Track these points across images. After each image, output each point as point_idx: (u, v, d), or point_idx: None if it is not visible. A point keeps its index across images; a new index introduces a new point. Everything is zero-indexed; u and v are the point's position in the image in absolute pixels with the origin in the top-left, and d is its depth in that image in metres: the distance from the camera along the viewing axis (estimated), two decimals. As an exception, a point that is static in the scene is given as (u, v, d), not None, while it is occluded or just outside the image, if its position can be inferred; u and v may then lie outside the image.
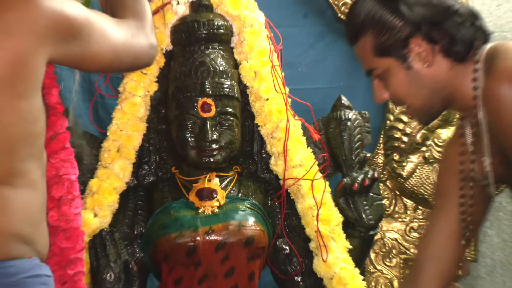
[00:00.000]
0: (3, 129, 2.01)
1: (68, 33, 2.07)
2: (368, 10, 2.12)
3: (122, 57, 2.19)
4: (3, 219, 2.02)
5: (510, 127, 2.03)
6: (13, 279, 2.02)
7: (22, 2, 2.03)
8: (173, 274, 2.88)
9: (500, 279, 3.26)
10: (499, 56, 2.08)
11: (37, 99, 2.07)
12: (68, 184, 2.27)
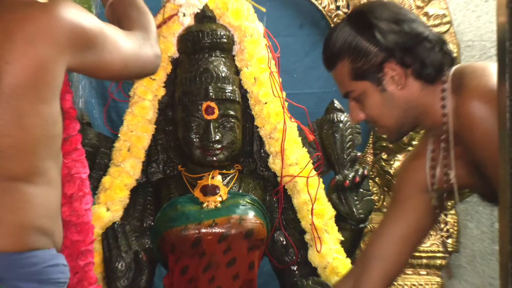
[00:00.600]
0: (26, 131, 2.01)
1: (85, 43, 2.07)
2: (345, 38, 2.12)
3: (131, 66, 2.19)
4: (26, 214, 2.02)
5: (482, 140, 2.05)
6: (36, 268, 2.03)
7: (43, 15, 2.03)
8: (180, 264, 2.89)
9: (479, 268, 3.26)
10: (467, 77, 2.10)
11: (56, 104, 2.07)
12: (79, 182, 2.28)
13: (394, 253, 2.26)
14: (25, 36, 1.99)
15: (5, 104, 1.97)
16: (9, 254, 2.00)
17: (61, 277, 2.08)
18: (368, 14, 2.13)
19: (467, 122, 2.06)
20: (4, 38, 1.98)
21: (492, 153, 2.03)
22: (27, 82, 1.98)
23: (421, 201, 2.24)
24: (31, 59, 1.99)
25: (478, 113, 2.04)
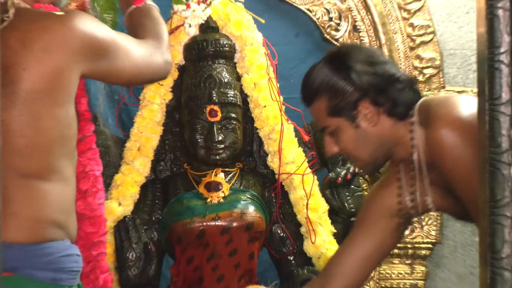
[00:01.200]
0: (43, 132, 2.02)
1: (97, 52, 2.06)
2: (323, 77, 2.13)
3: (141, 73, 2.18)
4: (41, 208, 2.02)
5: (453, 165, 2.07)
6: (50, 258, 2.03)
7: (59, 26, 2.03)
8: (186, 254, 2.90)
9: (460, 258, 3.26)
10: (433, 108, 2.12)
11: (71, 107, 2.07)
12: (93, 179, 2.28)
13: (357, 271, 2.27)
14: (42, 45, 1.99)
15: (21, 107, 1.97)
16: (25, 245, 2.00)
17: (74, 266, 2.09)
18: (344, 56, 2.14)
19: (438, 149, 2.08)
20: (22, 46, 1.98)
21: (463, 175, 2.06)
22: (42, 87, 1.98)
23: (387, 225, 2.26)
24: (47, 66, 1.99)
25: (447, 140, 2.06)
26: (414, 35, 3.22)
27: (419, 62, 3.22)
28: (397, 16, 3.21)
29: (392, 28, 3.21)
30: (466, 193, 2.09)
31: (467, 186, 2.06)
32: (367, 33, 3.23)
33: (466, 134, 2.05)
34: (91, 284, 2.31)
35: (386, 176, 2.31)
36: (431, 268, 3.21)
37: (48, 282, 2.02)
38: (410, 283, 3.18)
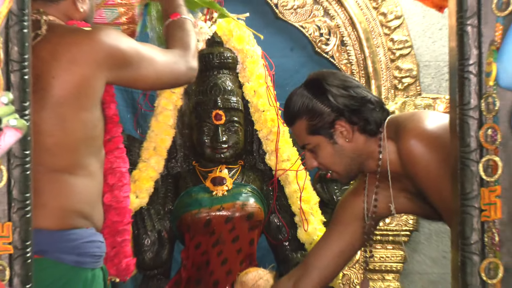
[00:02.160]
0: (69, 133, 2.01)
1: (121, 62, 2.06)
2: (303, 100, 2.16)
3: (164, 79, 2.17)
4: (68, 200, 2.02)
5: (423, 171, 2.10)
6: (75, 243, 2.03)
7: (86, 40, 2.03)
8: (194, 240, 2.90)
9: (435, 244, 3.27)
10: (402, 123, 2.15)
11: (96, 111, 2.06)
12: (119, 174, 2.27)
13: (330, 265, 2.30)
14: (70, 57, 1.99)
15: (50, 111, 1.97)
16: (53, 232, 2.00)
17: (97, 251, 2.08)
18: (322, 81, 2.16)
19: (409, 158, 2.10)
20: (52, 57, 1.98)
21: (432, 179, 2.08)
22: (69, 94, 1.98)
23: (357, 227, 2.28)
24: (74, 75, 1.99)
25: (416, 150, 2.09)
26: (394, 49, 3.22)
27: (398, 72, 3.22)
28: (379, 32, 3.21)
29: (375, 43, 3.21)
30: (435, 194, 2.11)
31: (436, 188, 2.07)
32: (353, 47, 3.24)
33: (432, 143, 2.08)
34: (115, 267, 2.31)
35: (356, 184, 2.33)
36: (409, 252, 3.22)
37: (73, 265, 2.03)
38: (390, 266, 3.18)
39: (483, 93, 1.88)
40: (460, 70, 1.90)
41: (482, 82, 1.88)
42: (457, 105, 1.91)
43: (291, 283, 2.34)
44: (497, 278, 1.87)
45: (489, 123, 1.87)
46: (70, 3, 2.10)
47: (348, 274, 3.16)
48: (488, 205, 1.87)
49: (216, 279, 2.88)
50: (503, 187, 1.87)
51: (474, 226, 1.87)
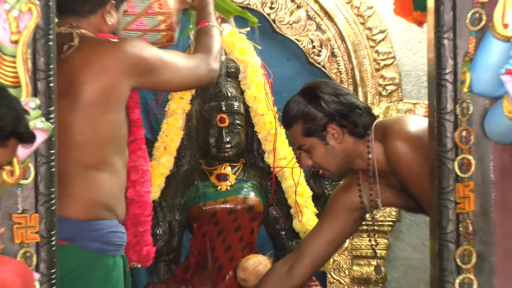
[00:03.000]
0: (98, 132, 2.02)
1: (144, 69, 2.07)
2: (299, 106, 2.19)
3: (186, 81, 2.19)
4: (95, 193, 2.03)
5: (406, 169, 2.13)
6: (100, 233, 2.03)
7: (114, 50, 2.04)
8: (201, 230, 2.89)
9: (415, 233, 3.26)
10: (388, 127, 2.19)
11: (121, 113, 2.07)
12: (141, 172, 2.27)
13: (322, 252, 2.33)
14: (100, 65, 2.00)
15: (81, 112, 1.99)
16: (81, 222, 2.01)
17: (118, 240, 2.09)
18: (316, 90, 2.19)
19: (394, 158, 2.12)
20: (84, 65, 2.00)
21: (415, 175, 2.10)
22: (98, 97, 1.99)
23: (348, 217, 2.31)
24: (102, 82, 2.00)
25: (401, 150, 2.11)
26: (378, 60, 3.23)
27: (382, 80, 3.22)
28: (365, 44, 3.22)
29: (362, 54, 3.21)
30: (417, 188, 2.12)
31: (418, 183, 2.09)
32: (342, 58, 3.24)
33: (414, 144, 2.10)
34: (137, 254, 2.31)
35: (347, 181, 2.35)
36: (392, 240, 3.22)
37: (97, 251, 2.03)
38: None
39: (458, 99, 1.88)
40: (438, 78, 1.90)
41: (457, 89, 1.88)
42: (435, 110, 1.91)
43: (286, 267, 2.35)
44: (471, 264, 1.88)
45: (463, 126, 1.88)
46: (99, 18, 2.11)
47: (337, 260, 3.16)
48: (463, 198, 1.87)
49: (221, 264, 2.87)
50: (475, 182, 1.88)
51: (450, 217, 1.88)
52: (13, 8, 1.66)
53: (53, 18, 1.80)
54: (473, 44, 1.85)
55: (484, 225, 1.88)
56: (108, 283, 2.05)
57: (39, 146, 1.73)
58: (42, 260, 1.78)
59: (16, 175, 1.67)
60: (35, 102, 1.69)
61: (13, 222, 1.75)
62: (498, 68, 1.76)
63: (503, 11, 1.73)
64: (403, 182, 2.17)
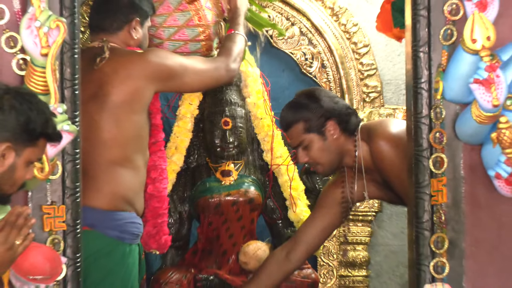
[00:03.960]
0: (123, 131, 2.03)
1: (167, 75, 2.08)
2: (300, 106, 2.20)
3: (206, 82, 2.19)
4: (117, 187, 2.03)
5: (389, 166, 2.16)
6: (119, 222, 2.04)
7: (139, 59, 2.06)
8: (207, 220, 2.88)
9: (395, 222, 3.26)
10: (373, 128, 2.21)
11: (144, 115, 2.08)
12: (160, 170, 2.28)
13: (315, 240, 2.34)
14: (126, 72, 2.02)
15: (109, 112, 2.00)
16: (103, 211, 2.01)
17: (135, 230, 2.09)
18: (313, 93, 2.22)
19: (378, 156, 2.13)
20: (113, 72, 2.01)
21: (396, 171, 2.12)
22: (124, 100, 2.00)
23: (336, 210, 2.32)
24: (129, 86, 2.01)
25: (385, 149, 2.13)
26: (363, 70, 3.22)
27: (366, 88, 3.22)
28: (351, 57, 3.22)
29: (348, 66, 3.21)
30: (398, 182, 2.12)
31: (399, 178, 2.09)
32: (331, 69, 3.24)
33: (395, 144, 2.11)
34: (156, 242, 2.33)
35: (336, 178, 2.37)
36: (375, 229, 3.21)
37: (115, 239, 2.03)
38: (360, 239, 3.18)
39: (432, 105, 1.89)
40: (414, 86, 1.91)
41: (432, 96, 1.89)
42: (412, 114, 1.92)
43: (284, 253, 2.35)
44: (443, 249, 1.88)
45: (437, 128, 1.88)
46: (126, 33, 2.13)
47: (327, 246, 3.15)
48: (436, 192, 1.88)
49: (225, 249, 2.87)
50: (448, 177, 1.88)
51: (426, 208, 1.88)
52: (43, 25, 1.67)
53: (78, 34, 1.80)
54: (445, 57, 1.86)
55: (455, 215, 1.88)
56: (123, 268, 2.05)
57: (65, 146, 1.74)
58: (68, 246, 1.78)
59: (45, 172, 1.68)
60: (62, 108, 1.70)
61: (43, 213, 1.76)
62: (467, 78, 1.77)
63: (472, 28, 1.75)
64: (386, 177, 2.18)
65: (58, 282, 1.75)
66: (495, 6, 1.77)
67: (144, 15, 2.15)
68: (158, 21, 2.21)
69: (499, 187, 1.79)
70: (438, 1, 1.85)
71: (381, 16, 2.53)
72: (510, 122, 1.73)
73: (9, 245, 1.41)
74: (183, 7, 2.19)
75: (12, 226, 1.42)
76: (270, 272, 2.36)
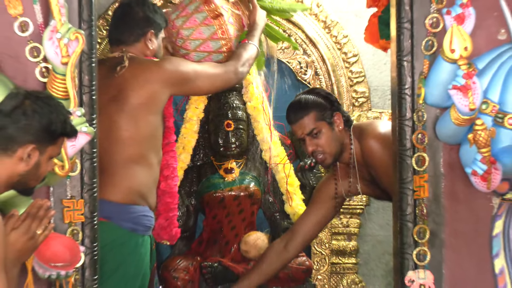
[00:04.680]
0: (139, 130, 2.04)
1: (180, 79, 2.08)
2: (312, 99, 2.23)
3: (217, 85, 2.18)
4: (132, 182, 2.03)
5: (378, 163, 2.16)
6: (133, 215, 2.03)
7: (155, 66, 2.06)
8: (212, 213, 2.88)
9: (381, 215, 3.24)
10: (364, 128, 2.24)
11: (159, 117, 2.09)
12: (172, 169, 2.29)
13: (310, 231, 2.35)
14: (144, 77, 2.03)
15: (127, 113, 2.01)
16: (119, 204, 2.01)
17: (147, 223, 2.08)
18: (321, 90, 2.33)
19: (369, 153, 2.14)
20: (132, 77, 2.02)
21: (384, 168, 2.12)
22: (142, 102, 2.01)
23: (330, 204, 2.33)
24: (146, 90, 2.02)
25: (374, 148, 2.14)
26: (352, 77, 3.23)
27: (355, 94, 3.22)
28: (342, 66, 3.22)
29: (339, 73, 3.22)
30: (385, 178, 2.13)
31: (386, 174, 2.10)
32: (324, 76, 3.24)
33: (384, 142, 2.11)
34: (167, 233, 2.33)
35: (328, 175, 2.39)
36: (363, 221, 3.22)
37: (129, 230, 2.03)
38: (350, 230, 3.18)
39: (415, 109, 1.89)
40: (399, 92, 1.91)
41: (414, 101, 1.89)
42: (397, 117, 1.92)
43: (282, 244, 2.37)
44: (425, 239, 1.88)
45: (419, 130, 1.89)
46: (142, 44, 2.14)
47: (320, 236, 3.15)
48: (419, 187, 1.88)
49: (227, 239, 2.87)
50: (429, 174, 1.89)
51: (409, 202, 1.88)
52: (63, 36, 1.68)
53: (95, 45, 1.81)
54: (427, 65, 1.86)
55: (435, 209, 1.88)
56: (136, 257, 2.05)
57: (83, 146, 1.74)
58: (86, 236, 1.78)
59: (66, 169, 1.68)
60: (81, 111, 1.71)
61: (63, 206, 1.76)
62: (446, 84, 1.77)
63: (451, 39, 1.76)
64: (374, 173, 2.18)
65: (77, 269, 1.75)
66: (472, 19, 1.78)
67: (158, 27, 2.17)
68: (185, 34, 2.23)
69: (475, 183, 1.79)
70: (420, 15, 1.86)
71: (369, 29, 2.54)
72: (485, 124, 1.74)
73: (31, 235, 1.41)
74: (208, 21, 2.21)
75: (33, 217, 1.42)
76: (270, 261, 2.37)
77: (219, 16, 2.23)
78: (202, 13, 2.22)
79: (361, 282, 3.11)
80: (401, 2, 1.86)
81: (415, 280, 1.85)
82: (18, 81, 1.72)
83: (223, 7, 2.27)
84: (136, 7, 2.14)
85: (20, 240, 1.40)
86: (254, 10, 2.33)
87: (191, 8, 2.25)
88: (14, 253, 1.39)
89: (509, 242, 1.85)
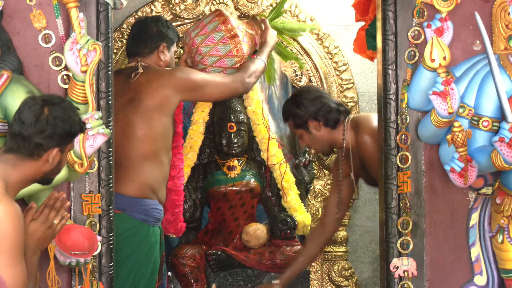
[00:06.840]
0: (152, 129, 2.05)
1: (191, 87, 2.09)
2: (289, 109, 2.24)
3: (225, 93, 2.19)
4: (145, 178, 2.04)
5: (369, 154, 2.17)
6: (144, 208, 2.04)
7: (168, 74, 2.09)
8: (216, 206, 2.88)
9: (368, 207, 3.22)
10: (360, 121, 2.23)
11: (170, 119, 2.10)
12: (179, 169, 2.29)
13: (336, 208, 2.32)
14: (158, 83, 2.05)
15: (142, 113, 2.03)
16: (132, 198, 2.02)
17: (157, 215, 2.09)
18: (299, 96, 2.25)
19: (362, 146, 2.14)
20: (146, 82, 2.05)
21: (373, 159, 2.12)
22: (155, 104, 2.02)
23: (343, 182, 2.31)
24: (160, 93, 2.04)
25: (367, 141, 2.14)
26: (342, 84, 3.22)
27: (345, 99, 3.21)
28: (333, 73, 3.21)
29: (330, 80, 3.21)
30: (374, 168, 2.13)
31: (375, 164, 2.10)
32: (317, 83, 3.22)
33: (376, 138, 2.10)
34: (174, 228, 2.34)
35: (335, 159, 2.40)
36: (352, 213, 3.21)
37: (141, 221, 2.04)
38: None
39: (399, 112, 1.89)
40: (384, 97, 1.91)
41: (398, 105, 1.89)
42: (382, 120, 1.92)
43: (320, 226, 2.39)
44: (408, 229, 1.89)
45: (402, 131, 1.89)
46: (156, 56, 2.17)
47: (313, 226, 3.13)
48: (402, 183, 1.89)
49: (230, 230, 2.86)
50: (411, 171, 1.89)
51: (393, 196, 1.88)
52: (82, 47, 1.69)
53: (112, 55, 1.82)
54: (409, 73, 1.87)
55: (417, 202, 1.89)
56: (147, 245, 2.06)
57: (101, 145, 1.74)
58: (103, 227, 1.79)
59: (84, 167, 1.69)
60: (98, 115, 1.71)
61: (82, 200, 1.77)
62: (427, 90, 1.79)
63: (431, 49, 1.77)
64: (366, 163, 2.19)
65: (94, 256, 1.76)
66: (450, 32, 1.81)
67: (170, 41, 2.20)
68: (204, 50, 2.23)
69: (453, 179, 1.80)
70: (403, 28, 1.86)
71: (357, 41, 2.54)
72: (462, 126, 1.75)
73: (49, 224, 1.41)
74: (225, 40, 2.22)
75: (50, 208, 1.42)
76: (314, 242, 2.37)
77: (235, 36, 2.24)
78: (220, 32, 2.23)
79: (351, 269, 3.10)
80: (386, 17, 1.86)
81: (399, 267, 1.85)
82: (42, 87, 1.75)
83: (238, 28, 2.27)
84: (151, 23, 2.19)
85: (39, 229, 1.39)
86: (266, 29, 2.33)
87: (210, 27, 2.25)
88: (34, 242, 1.39)
89: (484, 233, 1.86)
